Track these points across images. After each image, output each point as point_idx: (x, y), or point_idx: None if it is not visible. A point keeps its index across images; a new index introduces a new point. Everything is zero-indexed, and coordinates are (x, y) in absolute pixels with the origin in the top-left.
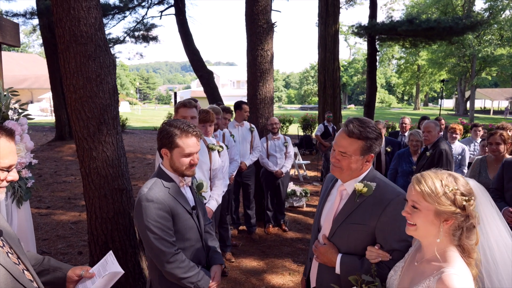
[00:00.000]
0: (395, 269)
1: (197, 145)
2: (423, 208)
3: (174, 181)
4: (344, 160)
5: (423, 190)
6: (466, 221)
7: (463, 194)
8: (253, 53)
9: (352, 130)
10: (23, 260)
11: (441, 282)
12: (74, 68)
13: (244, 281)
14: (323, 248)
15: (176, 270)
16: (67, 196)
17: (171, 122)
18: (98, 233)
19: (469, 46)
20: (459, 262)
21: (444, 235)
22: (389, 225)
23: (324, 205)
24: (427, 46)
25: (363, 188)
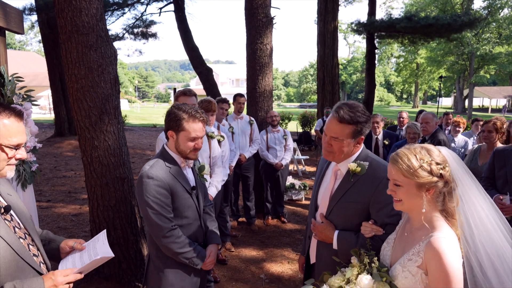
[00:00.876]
0: (387, 241)
1: (202, 130)
2: (405, 184)
3: (176, 162)
4: (336, 144)
5: (401, 167)
6: (445, 186)
7: (438, 163)
8: (252, 47)
9: (343, 116)
10: (31, 235)
11: (430, 245)
12: (76, 58)
13: (244, 269)
14: (321, 226)
15: (172, 244)
16: (67, 190)
17: (179, 106)
18: (100, 221)
19: (468, 44)
20: (445, 227)
21: (428, 204)
22: (381, 202)
23: (320, 185)
24: (425, 44)
25: (357, 167)
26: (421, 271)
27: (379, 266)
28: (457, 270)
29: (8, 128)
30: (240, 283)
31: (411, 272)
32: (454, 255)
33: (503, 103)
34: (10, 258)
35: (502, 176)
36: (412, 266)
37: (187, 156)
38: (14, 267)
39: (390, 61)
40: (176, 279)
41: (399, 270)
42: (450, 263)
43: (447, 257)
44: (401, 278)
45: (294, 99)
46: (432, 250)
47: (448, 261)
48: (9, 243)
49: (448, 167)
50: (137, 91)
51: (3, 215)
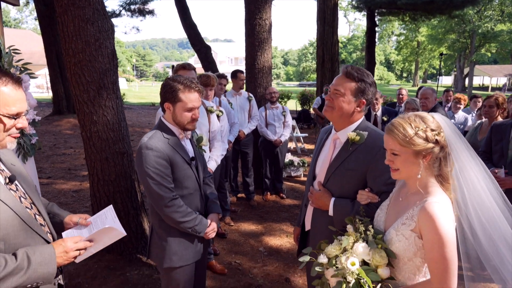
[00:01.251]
0: (381, 208)
1: (199, 100)
2: (402, 153)
3: (174, 133)
4: (337, 99)
5: (397, 137)
6: (441, 152)
7: (433, 130)
8: (251, 22)
9: (351, 72)
10: (37, 205)
11: (423, 210)
12: (73, 32)
13: (243, 242)
14: (318, 193)
15: (174, 214)
16: (67, 167)
17: (174, 78)
18: (100, 195)
19: (469, 22)
20: (439, 192)
21: (424, 170)
22: (378, 170)
23: (319, 155)
24: (426, 21)
25: (356, 136)
26: (414, 235)
27: (374, 233)
28: (450, 234)
29: (6, 96)
30: (239, 255)
31: (404, 235)
32: (447, 220)
33: (503, 81)
34: (19, 227)
35: (499, 150)
36: (406, 230)
37: (185, 127)
38: (23, 235)
39: (391, 39)
40: (180, 248)
41: (393, 234)
42: (443, 227)
43: (440, 221)
44: (395, 241)
45: (294, 78)
46: (426, 215)
47: (441, 225)
48: (17, 213)
49: (443, 132)
50: (135, 70)
51: (8, 185)
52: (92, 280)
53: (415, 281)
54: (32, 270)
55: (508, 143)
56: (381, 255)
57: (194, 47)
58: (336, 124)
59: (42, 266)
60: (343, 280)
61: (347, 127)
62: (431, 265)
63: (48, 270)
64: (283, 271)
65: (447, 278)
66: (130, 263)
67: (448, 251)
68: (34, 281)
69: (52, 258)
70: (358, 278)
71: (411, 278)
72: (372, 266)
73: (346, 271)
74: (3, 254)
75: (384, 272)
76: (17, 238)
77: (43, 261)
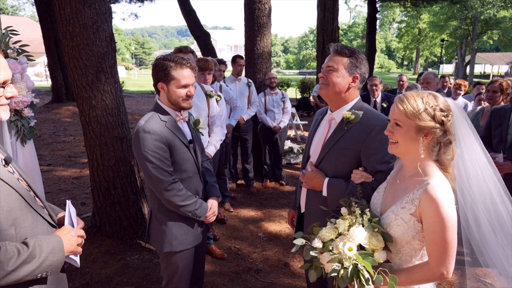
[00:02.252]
0: (378, 190)
1: (192, 76)
2: (405, 125)
3: (171, 115)
4: (331, 75)
5: (406, 108)
6: (443, 136)
7: (442, 110)
8: (250, 6)
9: (342, 48)
10: (33, 188)
11: (426, 193)
12: (70, 15)
13: (243, 228)
14: (311, 173)
15: (174, 198)
16: (67, 154)
17: (165, 57)
18: (100, 180)
19: (472, 8)
20: (440, 175)
21: (424, 151)
22: (373, 148)
23: (314, 136)
24: (428, 7)
25: (351, 115)
26: (414, 219)
27: (370, 217)
28: (453, 217)
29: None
30: (239, 240)
31: (403, 219)
32: (450, 203)
33: (505, 69)
34: (26, 210)
35: (498, 135)
36: (405, 214)
37: (180, 105)
38: (30, 219)
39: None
40: (180, 232)
41: (392, 218)
42: (446, 210)
43: (443, 204)
44: (394, 225)
45: (293, 66)
46: (429, 198)
47: (444, 208)
48: (21, 194)
49: (451, 117)
50: (134, 58)
51: (4, 166)
52: (92, 265)
53: (411, 263)
54: (44, 258)
55: (507, 128)
56: (378, 239)
57: (193, 34)
58: (332, 103)
59: (53, 254)
60: (340, 266)
61: (343, 106)
62: (431, 248)
63: (58, 259)
64: (282, 256)
65: (445, 261)
66: (130, 247)
67: (450, 233)
68: (45, 270)
69: (61, 246)
70: (356, 263)
71: (408, 261)
72: (368, 250)
73: (343, 256)
74: (14, 244)
75: (381, 256)
76: (25, 222)
77: (54, 249)
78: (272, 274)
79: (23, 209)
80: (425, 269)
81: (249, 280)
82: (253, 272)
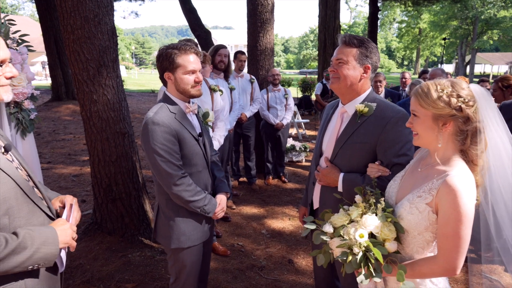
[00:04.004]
0: (395, 179)
1: (198, 62)
2: (421, 115)
3: (180, 107)
4: (341, 68)
5: (419, 97)
6: (467, 124)
7: (460, 96)
8: (253, 2)
9: (350, 39)
10: (33, 178)
11: (445, 184)
12: (71, 7)
13: (246, 225)
14: (326, 170)
15: (183, 193)
16: (67, 152)
17: (167, 45)
18: (101, 176)
19: (472, 8)
20: (463, 166)
21: (447, 141)
22: (389, 141)
23: (325, 131)
24: (429, 7)
25: (364, 108)
26: (429, 209)
27: (385, 207)
28: (470, 212)
29: None
30: (242, 237)
31: (418, 209)
32: (469, 196)
33: (505, 69)
34: (22, 200)
35: (509, 129)
36: (421, 203)
37: (190, 93)
38: (26, 209)
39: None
40: (188, 228)
41: (406, 206)
42: (464, 204)
43: (462, 196)
44: (407, 214)
45: (294, 66)
46: (448, 188)
47: (462, 201)
48: (18, 183)
49: (475, 103)
50: (134, 57)
51: (4, 154)
52: (93, 262)
53: (422, 255)
54: (35, 249)
55: None
56: (390, 229)
57: (194, 33)
58: (344, 96)
59: (46, 246)
60: (349, 252)
61: (355, 99)
62: (442, 241)
63: (51, 251)
64: (286, 252)
65: (455, 256)
66: (132, 244)
67: (464, 228)
68: (36, 262)
69: (55, 238)
70: (365, 250)
71: (419, 252)
72: (379, 239)
73: (353, 243)
74: (2, 233)
75: (392, 246)
76: (20, 212)
77: (46, 241)
78: (276, 271)
79: (19, 198)
80: (432, 263)
81: (252, 277)
82: (257, 269)
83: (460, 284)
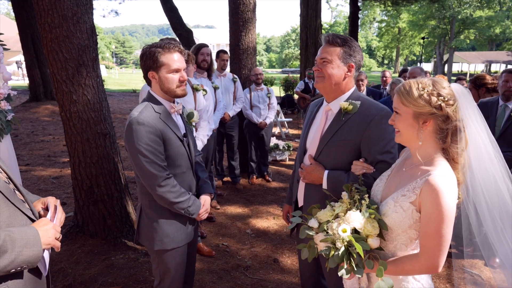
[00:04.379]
0: (381, 178)
1: (182, 60)
2: (403, 112)
3: (165, 107)
4: (325, 67)
5: (401, 94)
6: (447, 123)
7: (440, 95)
8: (235, 1)
9: (333, 38)
10: (13, 180)
11: (428, 183)
12: (48, 5)
13: (230, 225)
14: (310, 167)
15: (168, 194)
16: (47, 154)
17: (150, 44)
18: (82, 177)
19: (449, 8)
20: (445, 166)
21: (428, 139)
22: (373, 138)
23: (310, 129)
24: (408, 6)
25: (349, 106)
26: (413, 207)
27: (369, 203)
28: (451, 211)
29: None
30: (226, 237)
31: (402, 207)
32: (451, 195)
33: (481, 68)
34: (1, 203)
35: None
36: (405, 201)
37: (175, 93)
38: (7, 213)
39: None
40: (171, 230)
41: (391, 204)
42: (446, 203)
43: (443, 195)
44: (391, 212)
45: (276, 65)
46: (430, 187)
47: (444, 200)
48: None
49: (455, 102)
50: (115, 57)
51: None
52: (75, 265)
53: (405, 252)
54: (17, 253)
55: (495, 121)
56: (373, 225)
57: (176, 32)
58: (328, 94)
59: (28, 248)
60: (332, 246)
61: (339, 97)
62: (424, 239)
63: (34, 253)
64: (271, 252)
65: (437, 254)
66: (115, 247)
67: (445, 227)
68: (19, 265)
69: (37, 240)
70: (348, 245)
71: (402, 249)
72: (362, 235)
73: (336, 237)
74: None
75: (374, 242)
76: (1, 215)
77: (28, 243)
78: (261, 271)
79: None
80: (414, 260)
81: (238, 277)
82: (242, 269)
83: (443, 279)
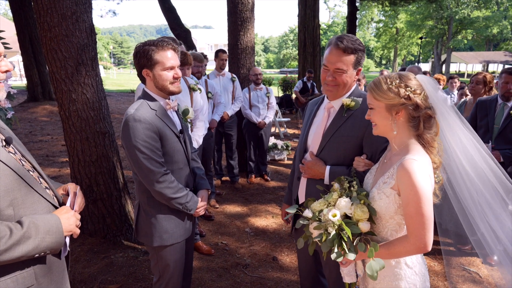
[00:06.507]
0: (371, 171)
1: (176, 58)
2: (376, 106)
3: (160, 104)
4: (340, 76)
5: (372, 91)
6: (417, 111)
7: (407, 86)
8: (233, 0)
9: (348, 46)
10: (37, 169)
11: (401, 167)
12: (48, 5)
13: (229, 224)
14: (310, 162)
15: (166, 190)
16: (45, 153)
17: (144, 42)
18: (81, 176)
19: (447, 8)
20: (419, 150)
21: (401, 128)
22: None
23: (310, 127)
24: (406, 6)
25: (351, 102)
26: (394, 192)
27: (358, 190)
28: (426, 190)
29: None
30: (225, 236)
31: (385, 193)
32: (423, 176)
33: (479, 68)
34: (25, 191)
35: (484, 125)
36: (386, 188)
37: (169, 90)
38: (31, 200)
39: (370, 26)
40: (170, 226)
41: (375, 193)
42: (419, 183)
43: (416, 177)
44: (377, 199)
45: (274, 66)
46: (403, 171)
47: (417, 181)
48: (21, 175)
49: (422, 91)
50: (112, 57)
51: (5, 147)
52: (75, 264)
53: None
54: (40, 239)
55: (493, 119)
56: (362, 210)
57: (174, 32)
58: (335, 96)
59: (50, 235)
60: (324, 232)
61: (342, 95)
62: (408, 221)
63: (56, 239)
64: (270, 250)
65: (423, 233)
66: (114, 245)
67: (423, 206)
68: (42, 251)
69: (59, 227)
70: (339, 229)
71: (393, 235)
72: (353, 220)
73: (327, 223)
74: (6, 223)
75: (364, 226)
76: (25, 203)
77: (51, 230)
78: (260, 269)
79: (22, 189)
80: (404, 242)
81: (237, 275)
82: (241, 267)
83: (441, 276)
